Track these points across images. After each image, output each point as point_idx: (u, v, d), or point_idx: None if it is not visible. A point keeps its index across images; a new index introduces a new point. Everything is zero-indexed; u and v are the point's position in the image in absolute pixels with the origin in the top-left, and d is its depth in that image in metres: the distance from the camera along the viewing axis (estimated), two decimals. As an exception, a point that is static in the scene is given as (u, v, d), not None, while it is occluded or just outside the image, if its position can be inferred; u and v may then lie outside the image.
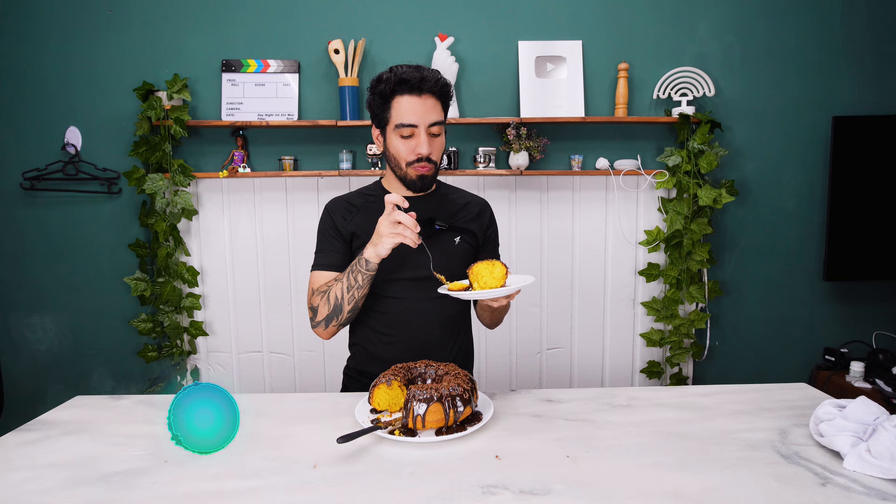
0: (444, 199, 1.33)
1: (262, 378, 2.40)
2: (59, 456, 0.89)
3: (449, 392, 0.93)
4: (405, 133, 1.17)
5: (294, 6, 2.22)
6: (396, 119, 1.18)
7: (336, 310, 1.19)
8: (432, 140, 1.19)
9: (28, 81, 2.21)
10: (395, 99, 1.17)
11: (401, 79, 1.16)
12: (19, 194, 2.24)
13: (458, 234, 1.28)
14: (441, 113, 1.21)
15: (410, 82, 1.15)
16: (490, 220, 1.36)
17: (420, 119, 1.17)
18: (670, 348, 2.31)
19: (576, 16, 2.25)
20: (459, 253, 1.27)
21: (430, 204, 1.29)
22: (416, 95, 1.16)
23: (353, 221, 1.27)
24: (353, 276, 1.15)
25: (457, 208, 1.32)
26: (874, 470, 0.78)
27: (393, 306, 1.25)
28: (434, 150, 1.20)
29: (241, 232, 2.32)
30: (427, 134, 1.18)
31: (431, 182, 1.25)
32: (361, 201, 1.30)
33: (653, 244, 2.30)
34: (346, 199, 1.31)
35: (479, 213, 1.34)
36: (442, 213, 1.29)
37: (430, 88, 1.17)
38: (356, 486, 0.78)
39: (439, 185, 1.36)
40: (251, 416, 1.02)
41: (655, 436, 0.94)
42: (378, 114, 1.22)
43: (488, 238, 1.35)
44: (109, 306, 2.31)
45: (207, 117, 2.25)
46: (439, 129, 1.20)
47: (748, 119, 2.29)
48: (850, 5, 2.25)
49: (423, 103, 1.17)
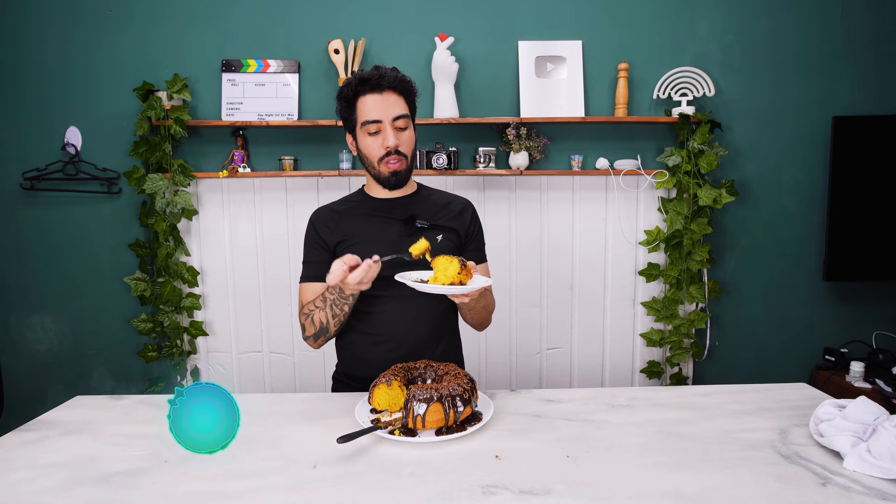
0: (426, 199, 1.35)
1: (262, 378, 2.40)
2: (59, 456, 0.89)
3: (449, 392, 0.93)
4: (371, 130, 1.22)
5: (294, 6, 2.22)
6: (362, 117, 1.22)
7: (322, 330, 1.25)
8: (399, 133, 1.23)
9: (28, 81, 2.21)
10: (358, 100, 1.23)
11: (360, 79, 1.22)
12: (19, 194, 2.24)
13: (439, 231, 1.30)
14: (404, 107, 1.24)
15: (370, 81, 1.21)
16: (472, 219, 1.37)
17: (383, 114, 1.21)
18: (670, 348, 2.31)
19: (576, 16, 2.25)
20: (443, 250, 1.28)
21: (412, 204, 1.32)
22: (377, 93, 1.21)
23: (336, 229, 1.30)
24: (336, 306, 1.20)
25: (437, 207, 1.34)
26: (874, 470, 0.78)
27: (381, 305, 1.26)
28: (402, 143, 1.23)
29: (241, 232, 2.32)
30: (393, 128, 1.22)
31: (405, 178, 1.27)
32: (344, 207, 1.33)
33: (653, 244, 2.30)
34: (330, 208, 1.34)
35: (460, 211, 1.35)
36: (423, 212, 1.31)
37: (389, 85, 1.21)
38: (356, 486, 0.78)
39: (420, 188, 1.38)
40: (251, 416, 1.02)
41: (655, 436, 0.94)
42: (346, 118, 1.27)
43: (471, 236, 1.36)
44: (109, 306, 2.31)
45: (207, 117, 2.25)
46: (405, 123, 1.24)
47: (748, 119, 2.29)
48: (850, 5, 2.25)
49: (384, 99, 1.21)
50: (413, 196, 1.35)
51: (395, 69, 1.24)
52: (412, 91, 1.27)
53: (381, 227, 1.28)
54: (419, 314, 1.27)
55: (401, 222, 1.28)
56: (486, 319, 1.36)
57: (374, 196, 1.33)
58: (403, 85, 1.24)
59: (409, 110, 1.25)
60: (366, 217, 1.31)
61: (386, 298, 1.26)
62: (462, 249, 1.35)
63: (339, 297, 1.18)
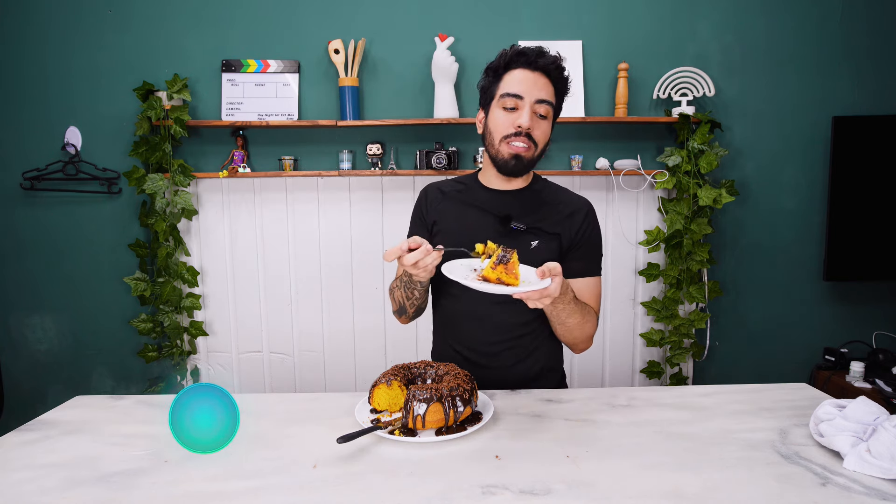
0: (535, 196, 1.22)
1: (262, 378, 2.40)
2: (59, 456, 0.89)
3: (449, 392, 0.93)
4: (508, 104, 1.11)
5: (294, 6, 2.22)
6: (503, 89, 1.12)
7: (401, 309, 1.24)
8: (536, 119, 1.12)
9: (28, 81, 2.21)
10: (507, 73, 1.13)
11: (517, 52, 1.12)
12: (19, 194, 2.24)
13: (536, 237, 1.17)
14: (552, 95, 1.13)
15: (527, 55, 1.11)
16: (585, 223, 1.20)
17: (527, 91, 1.10)
18: (670, 348, 2.31)
19: (576, 16, 2.25)
20: (534, 258, 1.13)
21: (519, 199, 1.21)
22: (529, 70, 1.11)
23: (437, 209, 1.24)
24: (409, 288, 1.17)
25: (544, 207, 1.21)
26: (874, 470, 0.78)
27: (449, 304, 1.24)
28: (536, 129, 1.12)
29: (241, 232, 2.32)
30: (532, 110, 1.11)
31: (526, 167, 1.15)
32: (451, 189, 1.26)
33: (653, 244, 2.30)
34: (439, 187, 1.28)
35: (571, 213, 1.20)
36: (526, 210, 1.19)
37: (545, 66, 1.11)
38: (356, 486, 0.78)
39: (536, 181, 1.25)
40: (251, 416, 1.02)
41: (655, 436, 0.94)
42: (486, 88, 1.17)
43: (578, 243, 1.19)
44: (109, 306, 2.31)
45: (207, 117, 2.25)
46: (546, 111, 1.13)
47: (748, 119, 2.29)
48: (850, 5, 2.25)
49: (534, 78, 1.11)
50: (522, 191, 1.22)
51: (558, 55, 1.14)
52: (565, 84, 1.16)
53: (476, 220, 1.19)
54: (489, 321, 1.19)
55: (497, 219, 1.18)
56: (580, 340, 1.19)
57: (483, 184, 1.24)
58: (559, 73, 1.13)
59: (555, 99, 1.14)
60: (467, 205, 1.22)
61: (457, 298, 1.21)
62: (564, 256, 1.19)
63: (410, 279, 1.14)
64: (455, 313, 1.24)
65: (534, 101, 1.11)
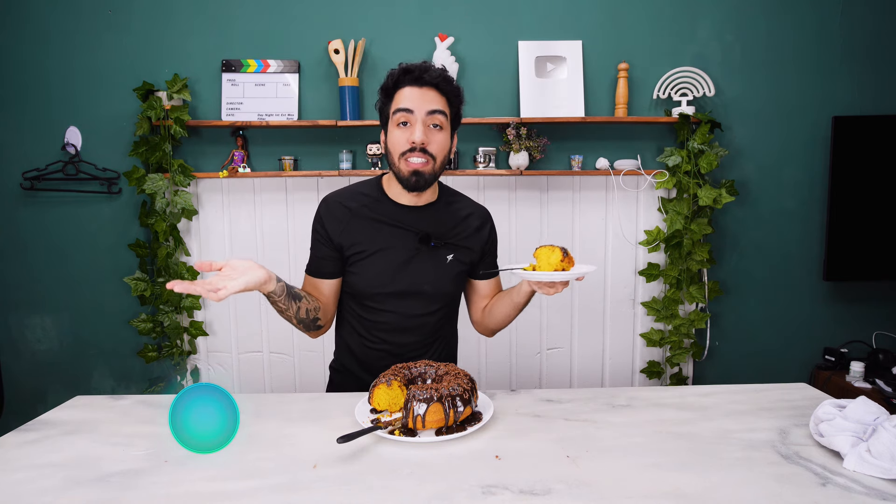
0: (445, 210, 1.28)
1: (262, 378, 2.40)
2: (59, 456, 0.89)
3: (449, 392, 0.93)
4: (401, 119, 1.14)
5: (294, 6, 2.22)
6: (395, 107, 1.15)
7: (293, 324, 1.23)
8: (430, 131, 1.15)
9: (28, 81, 2.21)
10: (397, 91, 1.16)
11: (403, 70, 1.16)
12: (19, 194, 2.24)
13: (451, 251, 1.25)
14: (444, 104, 1.16)
15: (412, 72, 1.15)
16: (490, 233, 1.33)
17: (417, 105, 1.13)
18: (670, 348, 2.31)
19: (576, 16, 2.25)
20: (449, 271, 1.25)
21: (435, 217, 1.26)
22: (416, 87, 1.14)
23: (346, 231, 1.22)
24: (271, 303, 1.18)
25: (456, 221, 1.28)
26: (874, 470, 0.78)
27: (379, 316, 1.25)
28: (431, 142, 1.15)
29: (241, 232, 2.32)
30: (425, 124, 1.14)
31: (428, 182, 1.18)
32: (356, 205, 1.24)
33: (653, 244, 2.30)
34: (342, 203, 1.24)
35: (478, 227, 1.30)
36: (440, 227, 1.25)
37: (432, 80, 1.14)
38: (356, 486, 0.78)
39: (442, 194, 1.30)
40: (251, 416, 1.02)
41: (655, 436, 0.94)
42: (382, 109, 1.20)
43: (487, 252, 1.32)
44: (109, 306, 2.31)
45: (207, 117, 2.25)
46: (441, 121, 1.15)
47: (748, 119, 2.29)
48: (850, 5, 2.25)
49: (422, 93, 1.14)
50: (432, 206, 1.27)
51: (443, 68, 1.18)
52: (457, 95, 1.19)
53: (393, 238, 1.22)
54: (417, 328, 1.26)
55: (415, 236, 1.22)
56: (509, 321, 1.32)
57: (391, 197, 1.25)
58: (447, 85, 1.16)
59: (448, 112, 1.17)
60: (379, 223, 1.23)
61: (388, 313, 1.24)
62: (475, 265, 1.30)
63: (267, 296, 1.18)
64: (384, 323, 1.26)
65: (425, 114, 1.14)
